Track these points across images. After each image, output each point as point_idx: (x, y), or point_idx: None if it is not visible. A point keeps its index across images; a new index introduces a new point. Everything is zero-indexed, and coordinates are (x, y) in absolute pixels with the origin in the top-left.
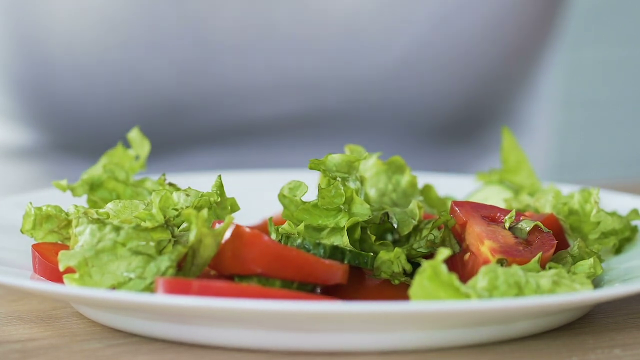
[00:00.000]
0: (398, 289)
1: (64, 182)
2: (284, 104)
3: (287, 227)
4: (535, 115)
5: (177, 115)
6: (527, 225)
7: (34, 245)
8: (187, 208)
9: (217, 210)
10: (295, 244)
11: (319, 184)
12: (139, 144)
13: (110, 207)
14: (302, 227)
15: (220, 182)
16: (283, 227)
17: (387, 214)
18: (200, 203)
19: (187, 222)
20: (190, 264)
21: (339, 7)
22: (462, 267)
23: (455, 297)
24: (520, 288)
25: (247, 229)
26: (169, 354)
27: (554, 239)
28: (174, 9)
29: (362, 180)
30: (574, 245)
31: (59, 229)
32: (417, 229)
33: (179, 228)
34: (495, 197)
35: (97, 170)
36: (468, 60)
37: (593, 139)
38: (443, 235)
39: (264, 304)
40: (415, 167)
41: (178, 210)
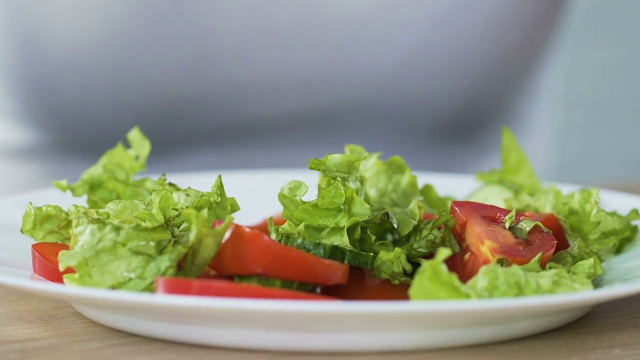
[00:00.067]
0: (398, 289)
1: (64, 182)
2: (284, 104)
3: (287, 227)
4: (536, 115)
5: (177, 115)
6: (527, 225)
7: (34, 245)
8: (187, 208)
9: (217, 210)
10: (295, 244)
11: (319, 184)
12: (139, 144)
13: (111, 207)
14: (302, 227)
15: (220, 182)
16: (283, 227)
17: (387, 214)
18: (200, 203)
19: (187, 222)
20: (190, 264)
21: (340, 7)
22: (462, 267)
23: (455, 297)
24: (520, 288)
25: (247, 229)
26: (169, 354)
27: (554, 239)
28: (175, 9)
29: (362, 180)
30: (574, 245)
31: (59, 229)
32: (417, 229)
33: (179, 228)
34: (495, 197)
35: (97, 170)
36: (468, 60)
37: (593, 139)
38: (443, 235)
39: (264, 304)
40: (415, 167)
41: (178, 210)
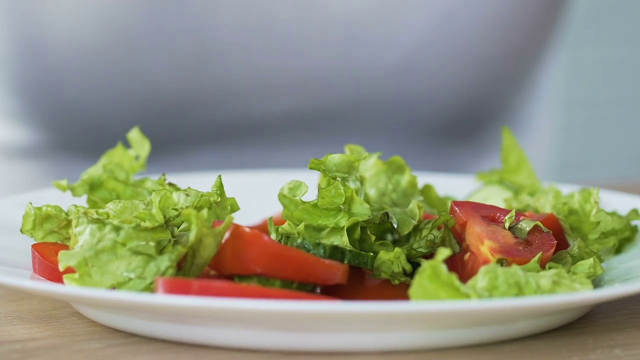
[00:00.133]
0: (398, 289)
1: (64, 182)
2: (284, 103)
3: (287, 227)
4: (536, 115)
5: (177, 114)
6: (527, 225)
7: (34, 245)
8: (187, 208)
9: (217, 210)
10: (295, 244)
11: (319, 184)
12: (139, 144)
13: (110, 207)
14: (302, 227)
15: (220, 182)
16: (283, 227)
17: (387, 214)
18: (200, 203)
19: (187, 222)
20: (190, 264)
21: (340, 6)
22: (462, 267)
23: (455, 297)
24: (520, 288)
25: (247, 229)
26: (169, 354)
27: (554, 239)
28: (175, 8)
29: (362, 180)
30: (574, 245)
31: (59, 229)
32: (417, 229)
33: (179, 228)
34: (495, 197)
35: (97, 170)
36: (468, 60)
37: (593, 139)
38: (443, 235)
39: (264, 304)
40: (415, 167)
41: (178, 210)
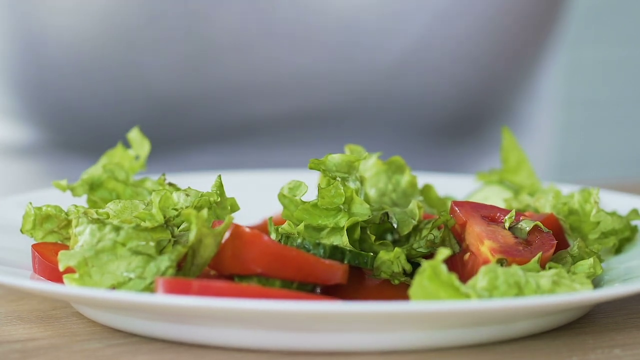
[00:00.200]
0: (398, 289)
1: (64, 182)
2: (284, 103)
3: (287, 227)
4: (536, 115)
5: (177, 114)
6: (527, 225)
7: (34, 245)
8: (187, 208)
9: (217, 210)
10: (295, 244)
11: (319, 184)
12: (139, 144)
13: (110, 207)
14: (302, 227)
15: (220, 182)
16: (283, 227)
17: (387, 214)
18: (200, 203)
19: (187, 222)
20: (190, 264)
21: (340, 6)
22: (462, 267)
23: (455, 297)
24: (520, 288)
25: (247, 229)
26: (169, 354)
27: (554, 239)
28: (174, 7)
29: (362, 180)
30: (574, 245)
31: (59, 229)
32: (417, 229)
33: (179, 228)
34: (495, 197)
35: (97, 170)
36: (468, 60)
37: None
38: (443, 235)
39: (264, 304)
40: (415, 167)
41: (178, 210)
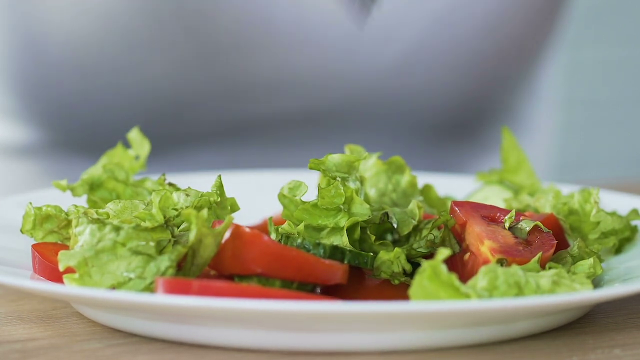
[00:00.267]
0: (398, 289)
1: (64, 182)
2: (284, 103)
3: (287, 227)
4: (536, 115)
5: (177, 114)
6: (527, 225)
7: (34, 245)
8: (187, 208)
9: (217, 210)
10: (295, 244)
11: (319, 184)
12: (139, 144)
13: (110, 207)
14: (302, 227)
15: (220, 182)
16: (283, 227)
17: (387, 214)
18: (200, 203)
19: (187, 222)
20: (190, 264)
21: (339, 6)
22: (462, 267)
23: (455, 297)
24: (520, 288)
25: (247, 229)
26: (169, 354)
27: (554, 239)
28: (175, 7)
29: (362, 180)
30: (574, 245)
31: (59, 229)
32: (417, 229)
33: (179, 228)
34: (495, 197)
35: (97, 170)
36: (468, 60)
37: (593, 139)
38: (443, 235)
39: (264, 304)
40: (415, 167)
41: (178, 210)
